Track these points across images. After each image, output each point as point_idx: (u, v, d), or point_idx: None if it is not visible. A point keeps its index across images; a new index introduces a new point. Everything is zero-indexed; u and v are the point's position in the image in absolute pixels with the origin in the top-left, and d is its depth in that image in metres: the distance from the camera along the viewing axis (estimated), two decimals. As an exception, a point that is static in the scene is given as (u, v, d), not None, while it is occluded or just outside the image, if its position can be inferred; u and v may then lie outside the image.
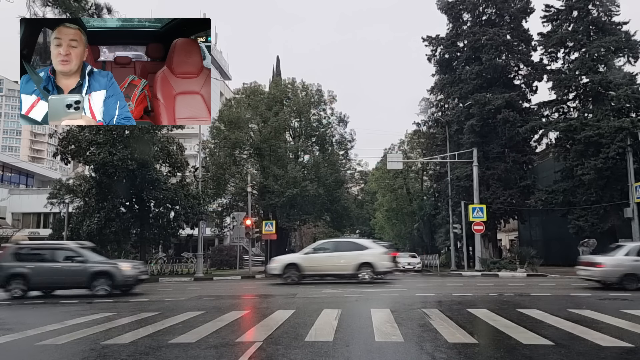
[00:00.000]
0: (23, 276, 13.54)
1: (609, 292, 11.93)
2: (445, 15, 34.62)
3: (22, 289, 13.49)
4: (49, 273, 13.66)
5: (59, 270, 13.67)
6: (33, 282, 13.62)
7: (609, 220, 23.98)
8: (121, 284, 13.72)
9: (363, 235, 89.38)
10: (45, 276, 13.64)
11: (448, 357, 5.09)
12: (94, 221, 23.90)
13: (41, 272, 13.61)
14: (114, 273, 13.61)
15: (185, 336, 6.37)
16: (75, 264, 13.64)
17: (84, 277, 13.49)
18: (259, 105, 33.38)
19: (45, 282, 13.88)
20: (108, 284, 13.41)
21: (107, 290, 13.34)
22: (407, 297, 11.20)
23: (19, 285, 13.48)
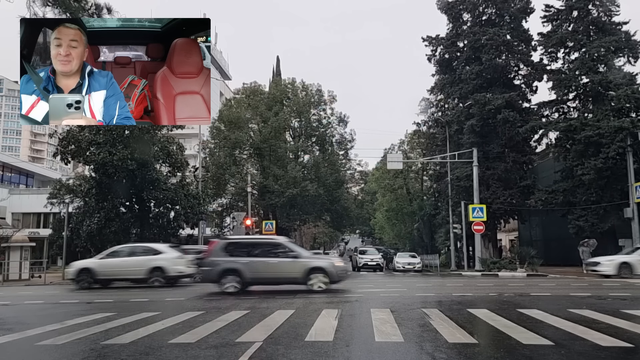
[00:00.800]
0: (237, 272, 13.03)
1: (609, 292, 11.93)
2: (445, 15, 34.62)
3: (236, 285, 12.95)
4: (263, 268, 13.17)
5: (273, 266, 13.26)
6: (247, 277, 13.07)
7: (609, 220, 23.98)
8: (336, 279, 13.26)
9: (363, 235, 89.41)
10: (259, 271, 13.13)
11: (448, 357, 5.09)
12: (94, 221, 23.91)
13: (255, 268, 13.11)
14: (329, 269, 13.21)
15: (185, 336, 6.37)
16: (288, 259, 13.24)
17: (299, 273, 13.02)
18: (259, 105, 33.40)
19: (259, 277, 13.29)
20: (324, 281, 12.94)
21: (322, 287, 12.80)
22: (407, 297, 11.20)
23: (233, 281, 13.00)
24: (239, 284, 12.94)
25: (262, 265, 13.18)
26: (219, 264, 13.13)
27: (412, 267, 32.81)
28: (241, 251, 13.63)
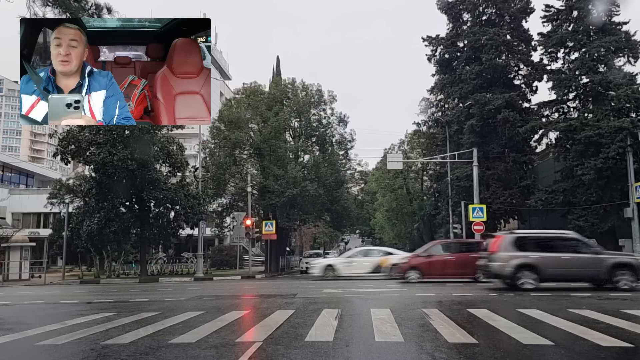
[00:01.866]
0: (532, 267, 12.49)
1: (609, 292, 11.93)
2: (445, 15, 34.61)
3: (531, 282, 12.44)
4: (560, 264, 12.60)
5: (572, 261, 12.64)
6: (545, 273, 12.50)
7: (609, 220, 23.96)
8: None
9: (363, 235, 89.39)
10: (556, 267, 12.57)
11: (448, 357, 5.09)
12: (94, 221, 23.93)
13: (552, 263, 12.55)
14: (636, 265, 12.58)
15: (185, 336, 6.37)
16: (588, 254, 12.66)
17: (601, 269, 12.44)
18: (259, 105, 33.37)
19: (556, 273, 12.73)
20: (631, 279, 12.27)
21: (629, 286, 12.18)
22: (407, 297, 11.20)
23: (529, 277, 12.45)
24: (536, 280, 12.47)
25: (560, 260, 12.62)
26: (511, 258, 12.58)
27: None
28: (533, 246, 13.01)
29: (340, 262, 21.00)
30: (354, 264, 20.40)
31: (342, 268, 20.22)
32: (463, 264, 16.86)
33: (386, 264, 19.43)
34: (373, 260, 20.33)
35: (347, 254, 23.48)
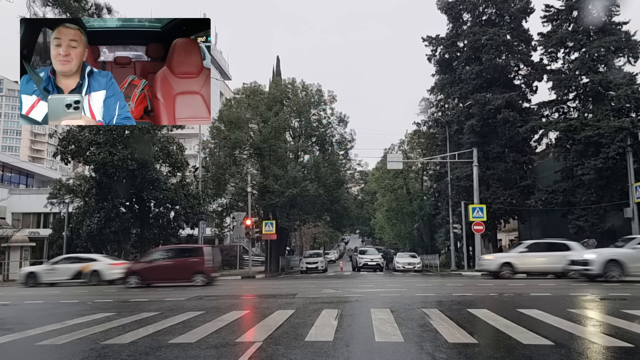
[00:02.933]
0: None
1: (609, 292, 11.93)
2: (445, 15, 34.61)
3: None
4: None
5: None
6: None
7: (609, 220, 23.96)
8: None
9: (363, 235, 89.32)
10: None
11: (448, 357, 5.08)
12: (94, 221, 23.94)
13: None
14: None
15: (185, 336, 6.36)
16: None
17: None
18: (259, 105, 33.37)
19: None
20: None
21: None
22: (407, 297, 11.20)
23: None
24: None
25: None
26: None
27: (412, 267, 32.83)
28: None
29: (42, 269, 21.03)
30: (57, 271, 20.36)
31: (43, 275, 20.33)
32: (181, 269, 17.41)
33: (87, 270, 19.75)
34: (74, 267, 20.27)
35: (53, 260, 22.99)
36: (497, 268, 18.78)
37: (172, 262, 17.96)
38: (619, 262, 15.23)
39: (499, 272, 18.60)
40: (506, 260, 18.97)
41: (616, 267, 15.18)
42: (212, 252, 18.05)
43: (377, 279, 22.24)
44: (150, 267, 17.73)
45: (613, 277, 15.00)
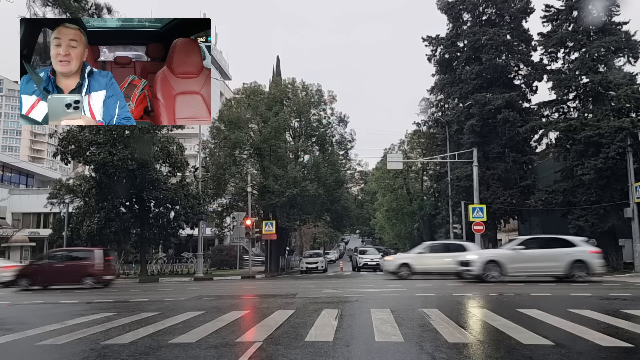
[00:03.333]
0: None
1: (609, 292, 11.94)
2: (445, 15, 34.61)
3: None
4: None
5: None
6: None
7: (609, 220, 23.95)
8: None
9: (363, 235, 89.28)
10: None
11: (448, 357, 5.08)
12: (94, 221, 23.94)
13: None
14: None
15: (185, 336, 6.37)
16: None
17: None
18: (259, 105, 33.38)
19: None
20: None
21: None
22: (407, 297, 11.20)
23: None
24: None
25: None
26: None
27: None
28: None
29: None
30: None
31: None
32: (71, 272, 17.64)
33: None
34: None
35: None
36: (395, 269, 19.56)
37: (62, 265, 18.10)
38: (498, 263, 15.80)
39: (397, 272, 19.26)
40: (404, 261, 19.77)
41: (496, 267, 15.75)
42: (102, 255, 18.25)
43: (377, 279, 22.24)
44: (41, 269, 17.98)
45: (493, 278, 15.59)
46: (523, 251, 15.97)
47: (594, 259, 15.63)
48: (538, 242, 16.81)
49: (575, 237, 17.59)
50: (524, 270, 15.84)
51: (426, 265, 19.27)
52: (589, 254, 15.74)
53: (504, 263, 15.76)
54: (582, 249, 15.87)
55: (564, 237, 17.31)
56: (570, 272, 15.36)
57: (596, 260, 15.68)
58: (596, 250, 16.14)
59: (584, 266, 15.37)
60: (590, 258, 15.59)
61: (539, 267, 15.74)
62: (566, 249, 15.81)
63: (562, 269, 15.46)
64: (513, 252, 16.12)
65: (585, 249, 15.91)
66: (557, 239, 16.97)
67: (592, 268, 15.48)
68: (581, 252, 15.72)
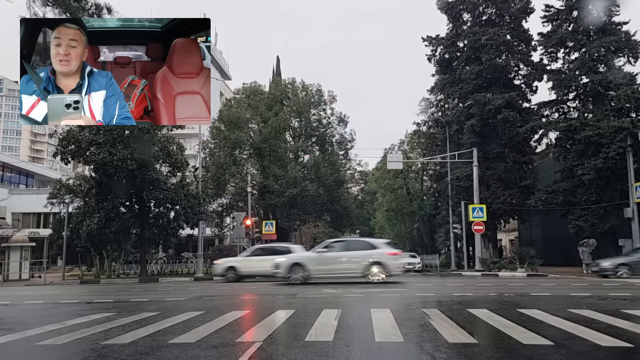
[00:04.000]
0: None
1: (609, 292, 11.93)
2: (445, 15, 34.65)
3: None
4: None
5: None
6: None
7: (609, 220, 23.97)
8: None
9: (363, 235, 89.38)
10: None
11: (448, 357, 5.08)
12: (94, 221, 23.92)
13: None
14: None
15: (185, 336, 6.36)
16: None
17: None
18: (259, 105, 33.40)
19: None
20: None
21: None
22: (407, 297, 11.20)
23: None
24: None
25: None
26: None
27: (412, 267, 32.80)
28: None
29: None
30: None
31: None
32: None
33: None
34: None
35: None
36: (222, 272, 20.39)
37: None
38: (302, 265, 16.52)
39: (224, 275, 20.14)
40: (231, 264, 20.63)
41: (300, 269, 16.46)
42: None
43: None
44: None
45: (296, 280, 16.28)
46: (326, 254, 16.68)
47: (391, 261, 16.24)
48: (341, 245, 17.59)
49: (377, 240, 18.90)
50: (326, 272, 16.45)
51: (251, 268, 19.93)
52: (387, 256, 16.34)
53: (308, 265, 16.44)
54: (381, 251, 16.50)
55: (366, 240, 18.68)
56: (368, 273, 16.03)
57: (393, 262, 16.30)
58: (394, 253, 16.89)
59: (382, 268, 16.02)
60: (388, 260, 16.20)
61: (340, 269, 16.40)
62: (366, 252, 16.44)
63: (360, 271, 16.08)
64: (317, 255, 16.84)
65: (383, 251, 16.53)
66: (359, 242, 18.21)
67: (389, 269, 16.08)
68: (379, 254, 16.32)
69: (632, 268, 18.77)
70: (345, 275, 16.48)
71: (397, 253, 17.08)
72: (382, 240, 18.60)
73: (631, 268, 18.79)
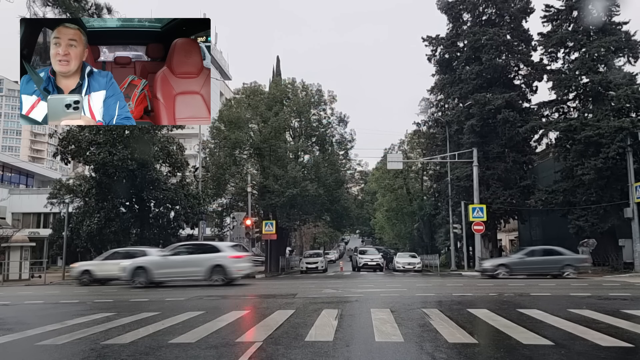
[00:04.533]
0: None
1: (609, 292, 11.94)
2: (445, 15, 34.63)
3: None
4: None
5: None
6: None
7: (609, 220, 23.96)
8: None
9: (363, 235, 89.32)
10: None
11: (448, 357, 5.08)
12: (94, 221, 23.91)
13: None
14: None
15: (185, 336, 6.36)
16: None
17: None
18: (259, 105, 33.38)
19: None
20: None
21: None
22: (407, 297, 11.20)
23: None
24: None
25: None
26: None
27: (412, 267, 32.83)
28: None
29: None
30: None
31: None
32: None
33: None
34: None
35: None
36: (78, 275, 20.50)
37: None
38: (145, 269, 16.66)
39: (80, 279, 20.25)
40: (86, 268, 20.56)
41: (143, 273, 16.61)
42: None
43: (377, 279, 22.24)
44: None
45: (140, 283, 16.43)
46: (171, 257, 16.96)
47: (233, 264, 16.60)
48: (188, 248, 17.94)
49: (222, 243, 19.38)
50: (170, 275, 16.82)
51: (105, 271, 19.83)
52: (229, 259, 16.68)
53: (151, 269, 16.64)
54: (224, 254, 16.83)
55: (212, 244, 19.06)
56: (211, 276, 16.40)
57: (235, 265, 16.68)
58: (237, 256, 17.27)
59: (223, 270, 16.40)
60: (230, 263, 16.55)
61: (184, 272, 16.73)
62: (209, 255, 16.80)
63: (202, 274, 16.43)
64: (161, 258, 17.08)
65: (226, 254, 16.85)
66: (205, 245, 18.69)
67: (230, 272, 16.46)
68: (222, 257, 16.65)
69: (511, 269, 19.64)
70: (189, 278, 16.87)
71: (240, 256, 17.44)
72: (228, 244, 19.00)
73: (510, 269, 19.65)
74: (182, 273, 16.74)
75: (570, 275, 18.84)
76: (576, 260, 20.10)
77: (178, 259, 16.86)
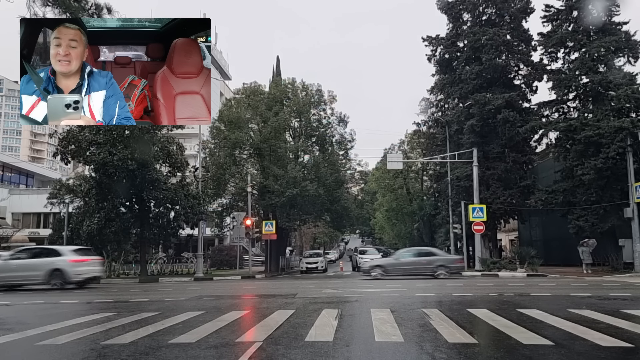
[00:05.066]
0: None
1: (609, 292, 11.94)
2: (445, 15, 34.60)
3: None
4: None
5: None
6: None
7: (609, 220, 23.95)
8: None
9: (363, 235, 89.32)
10: None
11: (448, 357, 5.08)
12: (94, 221, 23.92)
13: None
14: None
15: (185, 336, 6.37)
16: None
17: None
18: (259, 105, 33.36)
19: None
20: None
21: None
22: (407, 297, 11.20)
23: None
24: None
25: None
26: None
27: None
28: None
29: None
30: None
31: None
32: None
33: None
34: None
35: None
36: None
37: None
38: None
39: None
40: None
41: None
42: None
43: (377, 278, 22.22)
44: None
45: None
46: (10, 261, 16.94)
47: (72, 268, 16.65)
48: (27, 253, 17.86)
49: (64, 247, 19.29)
50: (10, 279, 16.71)
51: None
52: (68, 263, 16.70)
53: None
54: (64, 258, 16.84)
55: (54, 247, 18.96)
56: (50, 280, 16.46)
57: (74, 269, 16.68)
58: (77, 260, 17.08)
59: (61, 274, 16.45)
60: (69, 267, 16.63)
61: (23, 276, 16.80)
62: (48, 259, 16.85)
63: (41, 278, 16.48)
64: (2, 262, 17.00)
65: (66, 258, 16.86)
66: (47, 249, 18.42)
67: (68, 276, 16.52)
68: (61, 261, 16.71)
69: (386, 270, 20.29)
70: (28, 282, 16.89)
71: (82, 260, 17.27)
72: (71, 248, 18.80)
73: (385, 270, 20.30)
74: (22, 277, 16.77)
75: (441, 276, 19.42)
76: (449, 261, 21.06)
77: (18, 263, 16.89)
